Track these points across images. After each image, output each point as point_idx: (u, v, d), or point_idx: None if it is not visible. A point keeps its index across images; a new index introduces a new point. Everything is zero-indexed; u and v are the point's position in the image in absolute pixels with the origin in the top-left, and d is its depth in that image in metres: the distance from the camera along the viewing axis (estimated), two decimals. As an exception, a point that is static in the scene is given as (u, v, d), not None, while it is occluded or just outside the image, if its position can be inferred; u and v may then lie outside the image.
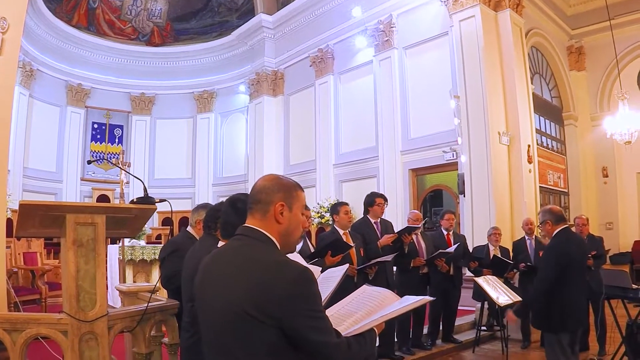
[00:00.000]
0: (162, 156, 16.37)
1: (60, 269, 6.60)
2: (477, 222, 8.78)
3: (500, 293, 5.12)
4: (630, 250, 11.55)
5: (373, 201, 5.56)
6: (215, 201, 11.60)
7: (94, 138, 15.66)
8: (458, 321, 6.82)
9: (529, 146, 9.46)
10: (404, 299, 1.76)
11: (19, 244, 7.95)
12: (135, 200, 2.88)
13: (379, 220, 5.61)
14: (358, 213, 7.39)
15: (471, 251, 6.92)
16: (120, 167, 7.53)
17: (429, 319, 6.26)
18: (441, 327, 6.41)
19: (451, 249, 6.00)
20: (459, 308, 6.65)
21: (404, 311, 1.71)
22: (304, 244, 4.68)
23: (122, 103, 16.15)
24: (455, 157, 9.76)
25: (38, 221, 2.56)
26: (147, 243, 9.42)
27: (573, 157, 12.45)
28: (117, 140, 16.03)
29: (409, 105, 10.84)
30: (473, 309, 7.24)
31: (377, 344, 5.21)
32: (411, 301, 1.72)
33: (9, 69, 4.89)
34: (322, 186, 12.55)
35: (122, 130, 16.17)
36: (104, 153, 15.60)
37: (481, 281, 5.26)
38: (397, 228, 5.98)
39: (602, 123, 11.13)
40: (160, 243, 10.40)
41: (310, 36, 13.28)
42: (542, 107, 11.31)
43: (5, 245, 4.83)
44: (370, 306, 1.73)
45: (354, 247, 4.93)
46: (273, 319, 1.41)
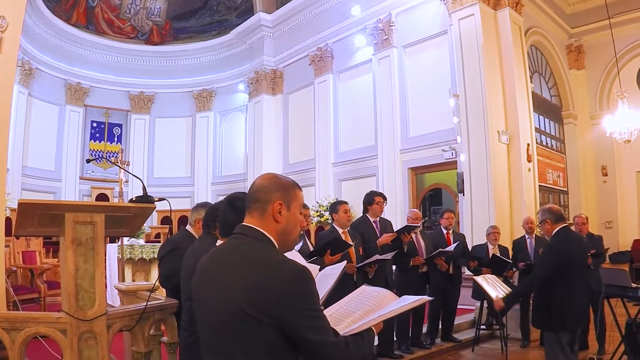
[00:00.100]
0: (161, 155, 16.35)
1: (59, 268, 6.59)
2: (477, 221, 8.78)
3: (499, 292, 5.11)
4: (629, 249, 11.56)
5: (372, 200, 5.56)
6: (214, 200, 11.58)
7: (93, 137, 15.63)
8: (457, 320, 6.83)
9: (529, 145, 9.46)
10: (403, 299, 1.76)
11: (18, 243, 7.94)
12: (134, 199, 2.88)
13: (378, 219, 5.60)
14: (357, 212, 7.40)
15: (470, 250, 6.93)
16: (119, 166, 7.53)
17: (428, 318, 6.26)
18: (440, 326, 6.42)
19: (451, 248, 6.00)
20: (459, 307, 6.65)
21: (402, 311, 1.71)
22: (303, 243, 4.68)
23: (121, 102, 16.13)
24: (454, 156, 9.76)
25: (37, 220, 2.55)
26: (146, 242, 9.43)
27: (572, 156, 12.45)
28: (116, 139, 16.00)
29: (408, 103, 10.84)
30: (472, 308, 7.24)
31: (377, 343, 5.26)
32: (409, 301, 1.72)
33: (8, 68, 4.89)
34: (321, 185, 12.54)
35: (121, 129, 16.14)
36: (103, 152, 15.58)
37: (480, 280, 5.26)
38: (397, 227, 5.97)
39: (602, 122, 11.13)
40: (159, 242, 10.40)
41: (309, 35, 13.26)
42: (542, 106, 11.31)
43: (4, 244, 4.82)
44: (368, 306, 1.72)
45: (353, 246, 4.92)
46: (271, 318, 1.41)
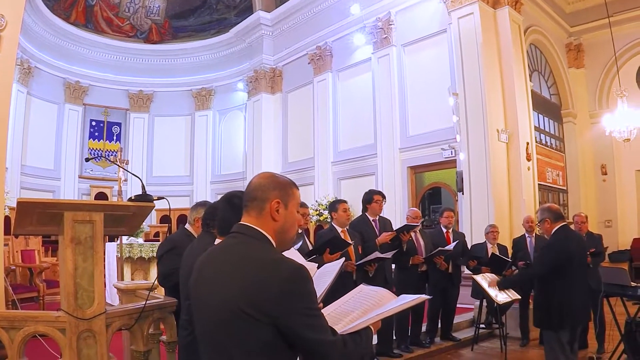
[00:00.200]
0: (160, 154, 16.33)
1: (58, 267, 6.58)
2: (476, 220, 8.78)
3: (498, 291, 5.13)
4: (629, 248, 11.55)
5: (371, 198, 5.56)
6: (213, 199, 11.57)
7: (92, 135, 15.61)
8: (457, 319, 6.82)
9: (528, 144, 9.45)
10: (401, 298, 1.76)
11: (17, 242, 7.93)
12: (133, 197, 2.88)
13: (378, 218, 5.60)
14: (356, 211, 7.40)
15: (469, 249, 6.92)
16: (118, 165, 7.53)
17: (428, 317, 6.26)
18: (440, 325, 6.41)
19: (450, 247, 6.00)
20: (458, 306, 6.64)
21: (400, 309, 1.71)
22: (302, 242, 4.66)
23: (120, 100, 16.11)
24: (453, 155, 9.76)
25: (36, 219, 2.54)
26: (145, 241, 9.42)
27: (572, 155, 12.45)
28: (115, 137, 15.99)
29: (408, 102, 10.83)
30: (472, 307, 7.24)
31: (376, 342, 5.26)
32: (407, 300, 1.72)
33: (7, 67, 4.89)
34: (321, 184, 12.53)
35: (120, 127, 16.13)
36: (102, 150, 15.57)
37: (480, 279, 5.27)
38: (396, 226, 5.97)
39: (601, 120, 11.12)
40: (158, 241, 10.38)
41: (308, 34, 13.25)
42: (541, 105, 11.31)
43: (3, 243, 4.82)
44: (367, 305, 1.72)
45: (352, 245, 4.92)
46: (268, 317, 1.41)
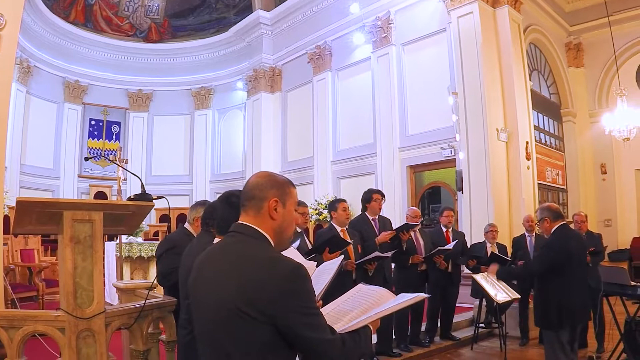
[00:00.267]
0: (160, 153, 16.32)
1: (57, 266, 6.58)
2: (475, 219, 8.78)
3: (498, 290, 5.13)
4: (628, 247, 11.56)
5: (370, 197, 5.55)
6: (212, 198, 11.54)
7: (91, 135, 15.59)
8: (456, 318, 6.82)
9: (527, 143, 9.45)
10: (399, 297, 1.77)
11: (16, 241, 7.93)
12: (132, 197, 2.87)
13: (377, 217, 5.60)
14: (356, 210, 7.39)
15: (469, 248, 6.92)
16: (117, 164, 7.51)
17: (427, 316, 6.26)
18: (439, 325, 6.41)
19: (450, 246, 6.00)
20: (457, 305, 6.64)
21: (399, 308, 1.71)
22: (302, 241, 4.65)
23: (120, 100, 16.10)
24: (453, 154, 9.76)
25: (35, 218, 2.54)
26: (145, 240, 9.43)
27: (571, 154, 12.45)
28: (115, 136, 15.97)
29: (407, 102, 10.83)
30: (471, 306, 7.24)
31: (375, 341, 5.26)
32: (406, 298, 1.72)
33: (6, 66, 4.88)
34: (320, 183, 12.53)
35: (120, 126, 16.11)
36: (101, 150, 15.55)
37: (479, 278, 5.26)
38: (396, 225, 5.97)
39: (601, 120, 11.11)
40: (157, 240, 10.38)
41: (308, 33, 13.24)
42: (541, 104, 11.31)
43: (2, 242, 4.81)
44: (366, 304, 1.72)
45: (352, 244, 4.91)
46: (266, 316, 1.41)
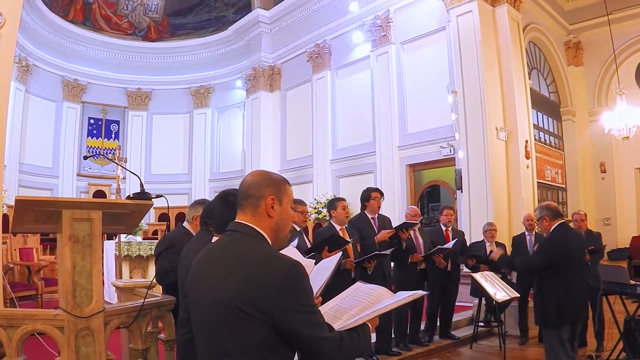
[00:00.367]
0: (159, 152, 16.31)
1: (56, 265, 6.58)
2: (475, 218, 8.78)
3: (497, 289, 5.13)
4: (628, 246, 11.58)
5: (369, 196, 5.53)
6: (212, 197, 11.53)
7: (90, 133, 15.58)
8: (455, 317, 6.82)
9: (527, 142, 9.45)
10: (398, 295, 1.76)
11: (15, 240, 7.92)
12: (131, 195, 2.86)
13: (377, 215, 5.59)
14: (355, 209, 7.37)
15: (468, 247, 6.91)
16: (116, 163, 7.50)
17: (427, 315, 6.26)
18: (439, 323, 6.41)
19: (449, 245, 6.00)
20: (457, 304, 6.63)
21: (397, 306, 1.70)
22: (301, 240, 4.64)
23: (119, 98, 16.08)
24: (452, 153, 9.76)
25: (34, 217, 2.54)
26: (144, 239, 9.42)
27: (571, 153, 12.45)
28: (114, 135, 15.96)
29: (406, 100, 10.83)
30: (470, 305, 7.24)
31: (374, 340, 5.26)
32: (404, 296, 1.72)
33: (5, 64, 4.88)
34: (319, 182, 12.53)
35: (119, 125, 16.10)
36: (100, 148, 15.54)
37: (479, 277, 5.27)
38: (395, 224, 5.96)
39: (600, 118, 11.10)
40: (156, 239, 10.37)
41: (307, 31, 13.23)
42: (540, 103, 11.31)
43: (1, 241, 4.81)
44: (364, 303, 1.72)
45: (351, 243, 4.91)
46: (264, 314, 1.41)
